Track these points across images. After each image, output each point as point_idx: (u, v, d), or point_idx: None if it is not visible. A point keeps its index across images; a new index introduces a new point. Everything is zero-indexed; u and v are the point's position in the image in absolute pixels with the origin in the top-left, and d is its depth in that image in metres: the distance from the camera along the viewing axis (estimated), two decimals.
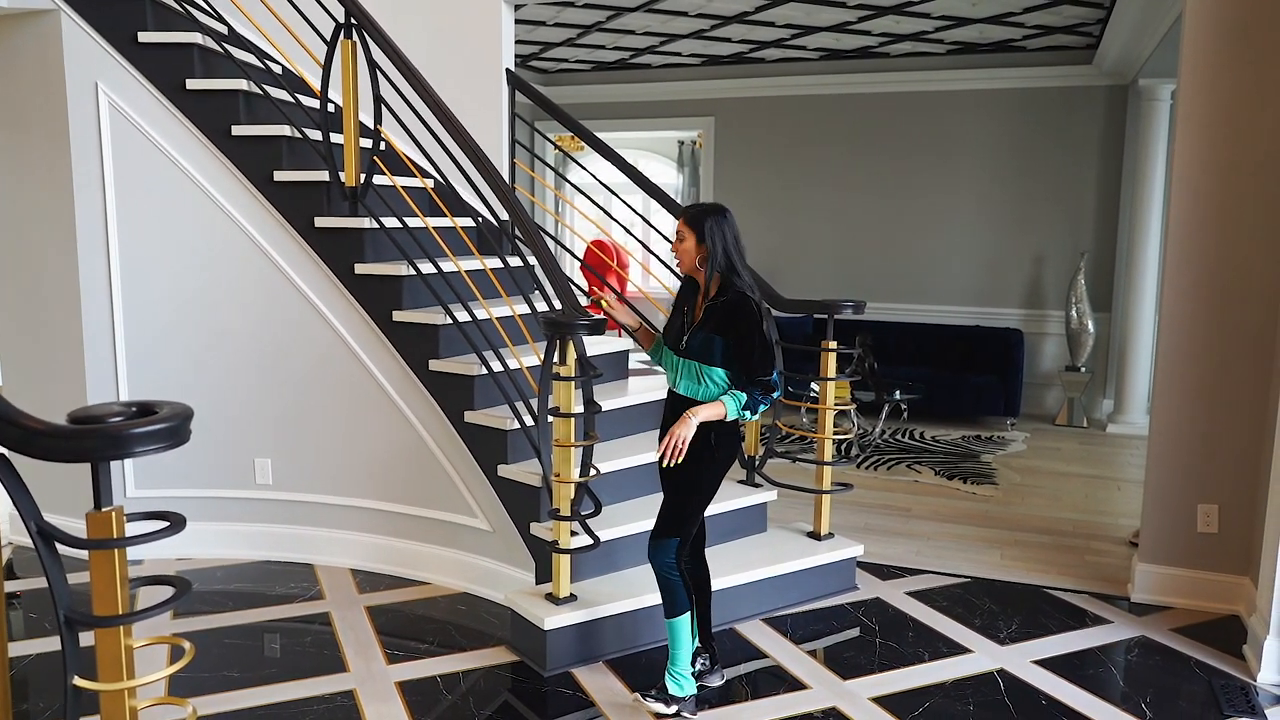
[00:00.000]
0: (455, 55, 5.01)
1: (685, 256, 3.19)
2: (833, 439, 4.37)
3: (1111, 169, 7.89)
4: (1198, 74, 3.99)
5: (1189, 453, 4.16)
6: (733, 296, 3.12)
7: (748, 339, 3.08)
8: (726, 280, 3.15)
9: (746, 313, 3.09)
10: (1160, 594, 4.23)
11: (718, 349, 3.12)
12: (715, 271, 3.14)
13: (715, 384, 3.15)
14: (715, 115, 9.07)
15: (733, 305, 3.11)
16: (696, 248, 3.16)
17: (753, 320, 3.08)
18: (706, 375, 3.15)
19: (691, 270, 3.21)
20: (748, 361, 3.09)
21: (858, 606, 4.20)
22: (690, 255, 3.18)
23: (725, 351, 3.12)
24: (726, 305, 3.12)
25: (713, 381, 3.15)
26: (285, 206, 4.36)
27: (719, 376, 3.14)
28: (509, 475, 3.99)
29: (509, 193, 3.93)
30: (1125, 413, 7.57)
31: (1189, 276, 4.08)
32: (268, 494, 4.61)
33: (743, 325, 3.08)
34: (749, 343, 3.08)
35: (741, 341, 3.09)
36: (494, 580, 4.17)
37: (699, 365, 3.16)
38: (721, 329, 3.11)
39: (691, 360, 3.17)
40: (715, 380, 3.15)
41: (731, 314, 3.11)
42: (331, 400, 4.46)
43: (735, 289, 3.13)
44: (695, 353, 3.16)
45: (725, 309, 3.12)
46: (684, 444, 3.05)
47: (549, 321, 3.49)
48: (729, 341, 3.10)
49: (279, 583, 4.39)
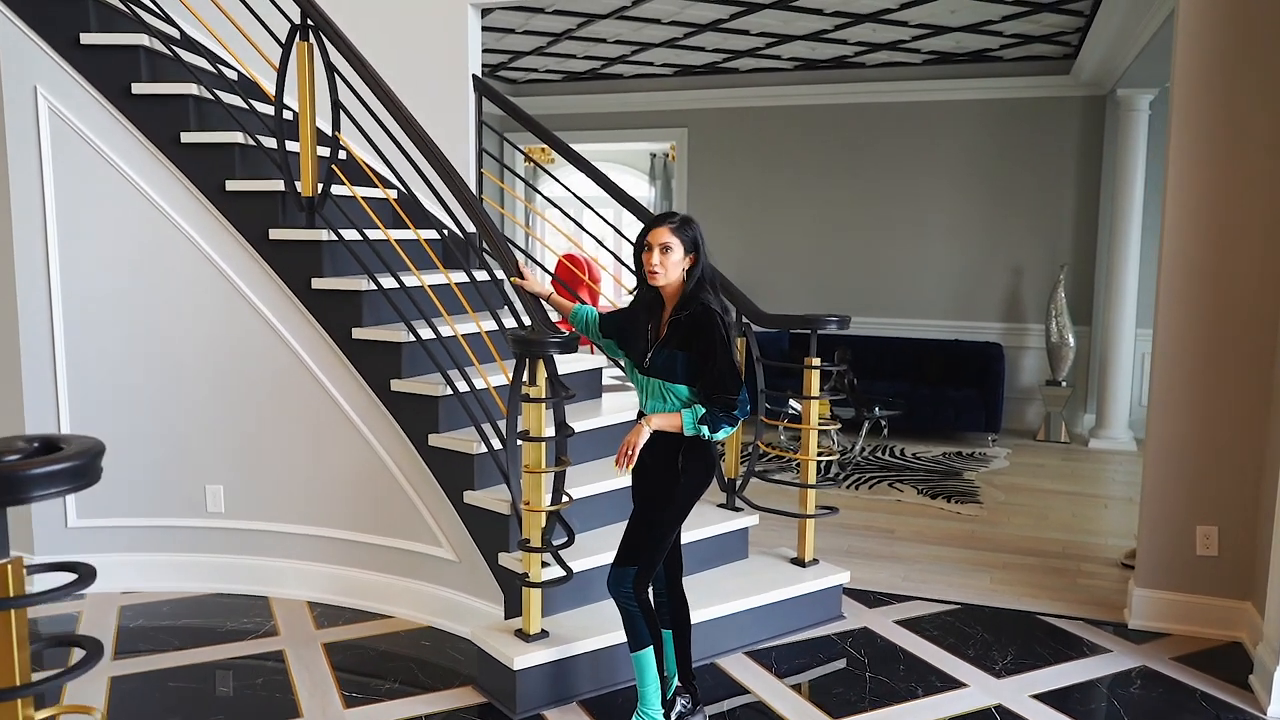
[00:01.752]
0: (419, 60, 4.80)
1: (672, 269, 2.96)
2: (816, 460, 4.17)
3: (1090, 180, 7.80)
4: (1191, 80, 3.85)
5: (1186, 472, 4.01)
6: (696, 310, 2.94)
7: (710, 354, 2.89)
8: (692, 294, 2.96)
9: (709, 327, 2.90)
10: (1158, 620, 4.06)
11: (680, 365, 2.94)
12: (696, 283, 2.95)
13: (679, 401, 2.97)
14: (688, 126, 8.91)
15: (697, 318, 2.93)
16: (683, 259, 2.96)
17: (717, 334, 2.89)
18: (670, 393, 2.97)
19: (671, 283, 3.00)
20: (710, 377, 2.90)
21: (845, 637, 4.00)
22: (678, 267, 2.97)
23: (689, 368, 2.94)
24: (690, 320, 2.94)
25: (677, 399, 2.97)
26: (238, 218, 4.12)
27: (682, 394, 2.97)
28: (476, 502, 3.76)
29: (475, 203, 3.72)
30: (1107, 427, 7.45)
31: (1184, 290, 3.93)
32: (219, 522, 4.34)
33: (706, 339, 2.90)
34: (711, 358, 2.89)
35: (704, 356, 2.90)
36: (461, 613, 3.93)
37: (661, 384, 2.98)
38: (685, 344, 2.93)
39: (655, 379, 2.99)
40: (679, 398, 2.97)
41: (696, 328, 2.92)
42: (287, 423, 4.20)
43: (699, 302, 2.94)
44: (659, 370, 2.97)
45: (689, 324, 2.94)
46: (634, 450, 2.92)
47: (518, 340, 3.27)
48: (691, 357, 2.92)
49: (230, 617, 4.12)
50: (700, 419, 2.90)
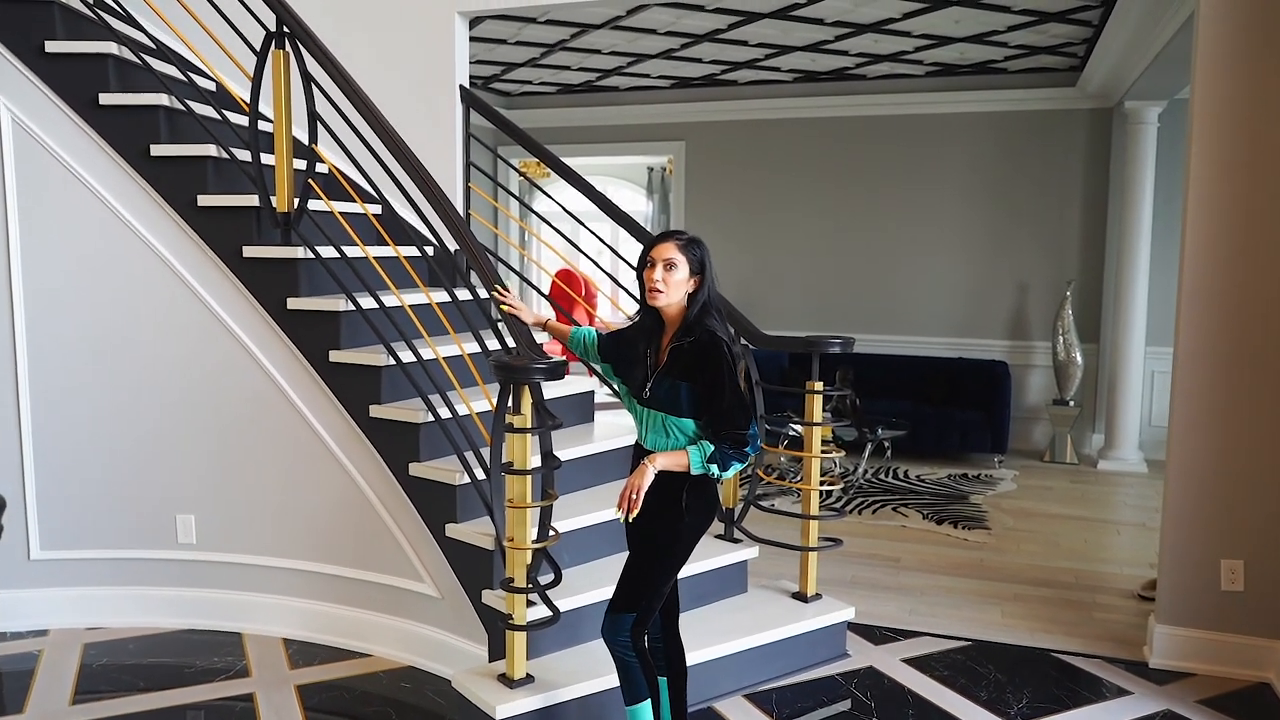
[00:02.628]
0: (404, 71, 4.61)
1: (675, 289, 2.74)
2: (818, 489, 3.96)
3: (1096, 194, 7.61)
4: (1212, 88, 3.66)
5: (1210, 504, 3.79)
6: (702, 337, 2.72)
7: (718, 386, 2.68)
8: (695, 320, 2.74)
9: (717, 356, 2.68)
10: (1181, 659, 3.84)
11: (684, 397, 2.72)
12: (700, 309, 2.74)
13: (684, 436, 2.75)
14: (686, 140, 8.73)
15: (702, 347, 2.71)
16: (688, 279, 2.75)
17: (724, 364, 2.68)
18: (674, 427, 2.75)
19: (672, 304, 2.78)
20: (718, 411, 2.68)
21: (850, 678, 3.78)
22: (681, 288, 2.75)
23: (693, 400, 2.72)
24: (695, 347, 2.72)
25: (681, 433, 2.75)
26: (211, 234, 3.92)
27: (688, 428, 2.74)
28: (458, 536, 3.54)
29: (458, 219, 3.51)
30: (1116, 448, 7.24)
31: (1205, 308, 3.73)
32: (190, 554, 4.12)
33: (712, 370, 2.68)
34: (720, 390, 2.68)
35: (711, 388, 2.68)
36: (442, 653, 3.71)
37: (663, 417, 2.76)
38: (689, 374, 2.71)
39: (656, 411, 2.77)
40: (684, 432, 2.75)
41: (701, 357, 2.70)
42: (262, 450, 3.99)
43: (704, 328, 2.73)
44: (660, 402, 2.76)
45: (694, 351, 2.72)
46: (639, 494, 2.67)
47: (501, 365, 3.06)
48: (697, 389, 2.71)
49: (201, 656, 3.89)
50: (709, 457, 2.67)
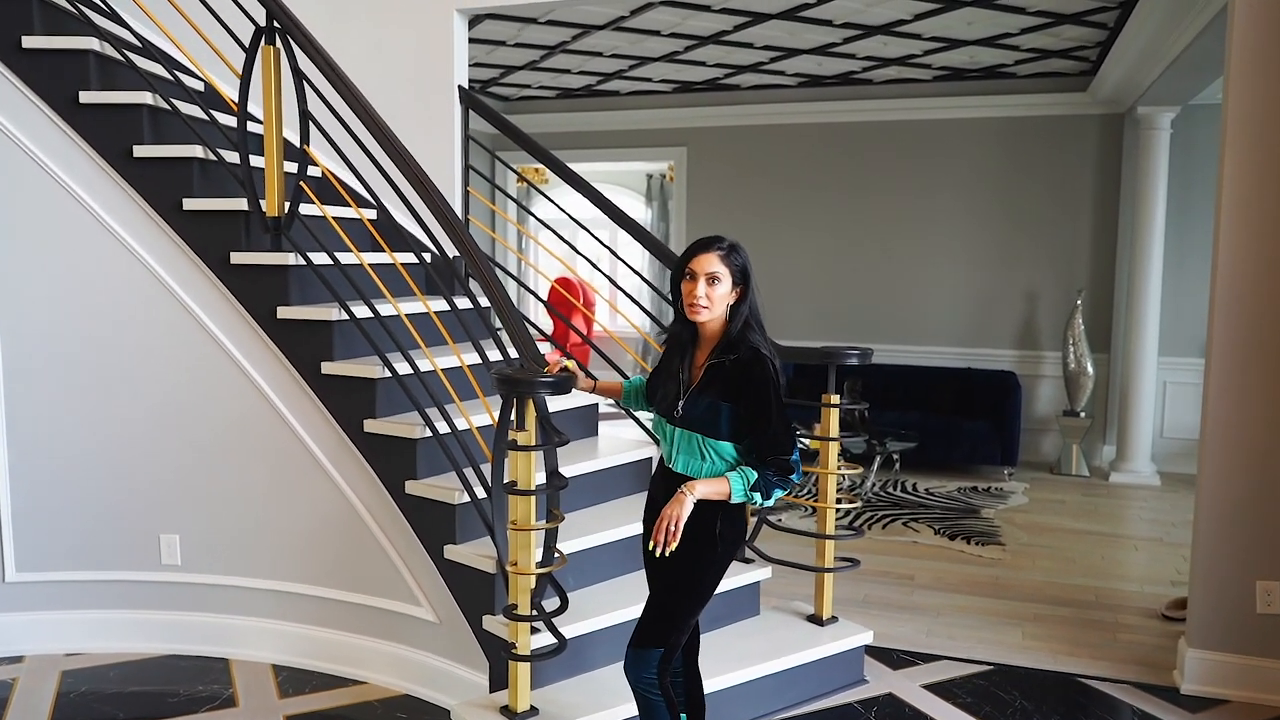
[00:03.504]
0: (401, 71, 4.44)
1: (717, 303, 2.54)
2: (835, 507, 3.79)
3: (1108, 202, 7.45)
4: (1247, 89, 3.50)
5: (1244, 523, 3.62)
6: (745, 354, 2.52)
7: (764, 408, 2.48)
8: (739, 336, 2.54)
9: (764, 376, 2.49)
10: (1214, 685, 3.66)
11: (725, 418, 2.51)
12: (743, 325, 2.54)
13: (722, 460, 2.55)
14: (688, 145, 8.57)
15: (746, 365, 2.51)
16: (730, 292, 2.56)
17: (770, 385, 2.48)
18: (711, 450, 2.55)
19: (714, 319, 2.57)
20: (763, 435, 2.48)
21: (869, 705, 3.59)
22: (724, 302, 2.55)
23: (734, 422, 2.51)
24: (738, 365, 2.52)
25: (719, 457, 2.55)
26: (197, 240, 3.73)
27: (726, 452, 2.54)
28: (457, 558, 3.36)
29: (458, 224, 3.34)
30: (1129, 460, 7.07)
31: (1240, 317, 3.56)
32: (175, 576, 3.92)
33: (758, 391, 2.48)
34: (765, 412, 2.48)
35: (756, 410, 2.49)
36: (441, 681, 3.52)
37: (700, 438, 2.55)
38: (731, 394, 2.51)
39: (689, 431, 2.57)
40: (722, 456, 2.55)
41: (745, 376, 2.50)
42: (250, 466, 3.80)
43: (748, 344, 2.53)
44: (696, 423, 2.55)
45: (737, 369, 2.51)
46: (678, 526, 2.43)
47: (504, 379, 2.88)
48: (739, 410, 2.50)
49: (185, 683, 3.70)
50: (753, 485, 2.47)
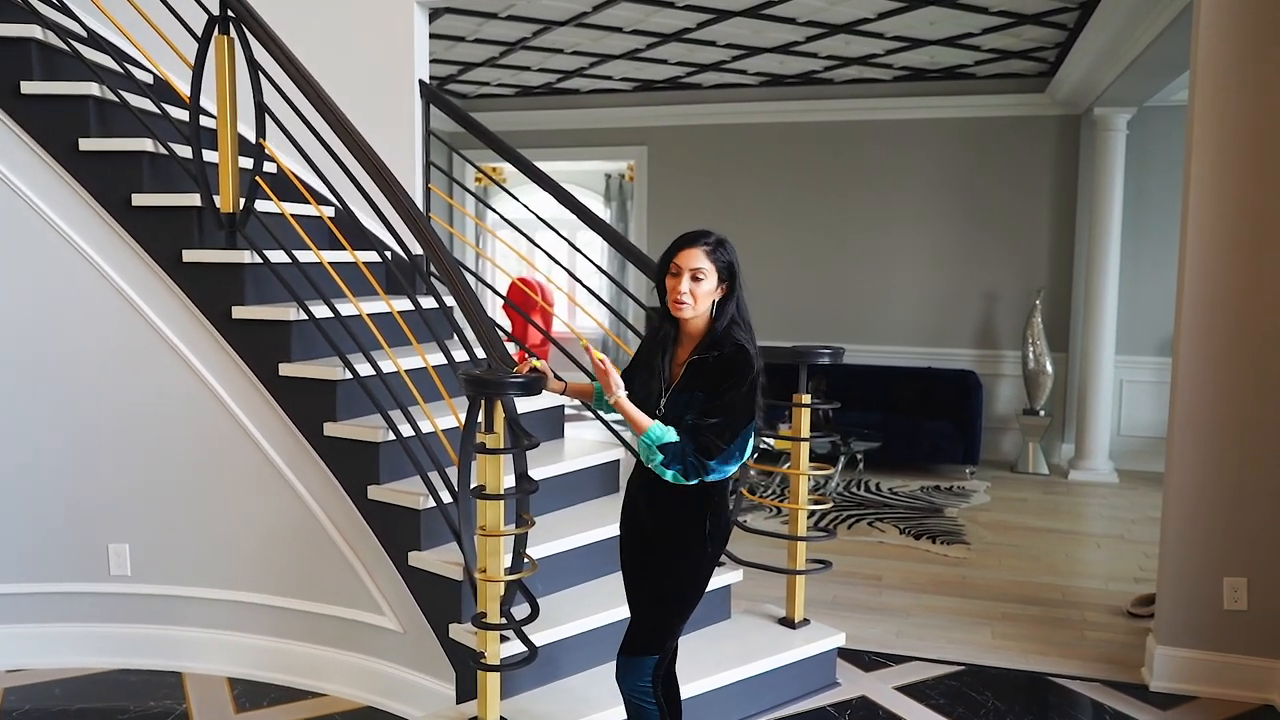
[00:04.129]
0: (359, 64, 4.31)
1: (702, 300, 2.46)
2: (807, 509, 3.74)
3: (1065, 202, 7.53)
4: (1214, 86, 3.52)
5: (1212, 519, 3.64)
6: (730, 352, 2.44)
7: (726, 402, 2.40)
8: (724, 334, 2.46)
9: (743, 374, 2.41)
10: (1183, 682, 3.68)
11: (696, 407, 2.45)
12: (728, 322, 2.46)
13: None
14: (648, 144, 8.50)
15: (729, 361, 2.43)
16: (717, 289, 2.48)
17: (745, 386, 2.41)
18: None
19: (700, 316, 2.50)
20: (708, 424, 2.40)
21: (842, 709, 3.55)
22: (709, 298, 2.47)
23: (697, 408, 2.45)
24: (721, 362, 2.44)
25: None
26: (147, 237, 3.59)
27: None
28: (422, 565, 3.25)
29: (423, 221, 3.23)
30: (1087, 458, 7.14)
31: (1207, 315, 3.58)
32: (125, 587, 3.77)
33: (732, 386, 2.41)
34: (725, 408, 2.40)
35: (716, 398, 2.41)
36: (406, 692, 3.41)
37: None
38: (708, 389, 2.44)
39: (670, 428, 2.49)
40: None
41: (725, 371, 2.42)
42: (205, 473, 3.66)
43: (733, 341, 2.45)
44: (676, 422, 2.47)
45: (719, 365, 2.44)
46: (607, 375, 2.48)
47: (471, 379, 2.78)
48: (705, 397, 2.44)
49: (135, 699, 3.55)
50: (662, 446, 2.39)
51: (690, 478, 2.42)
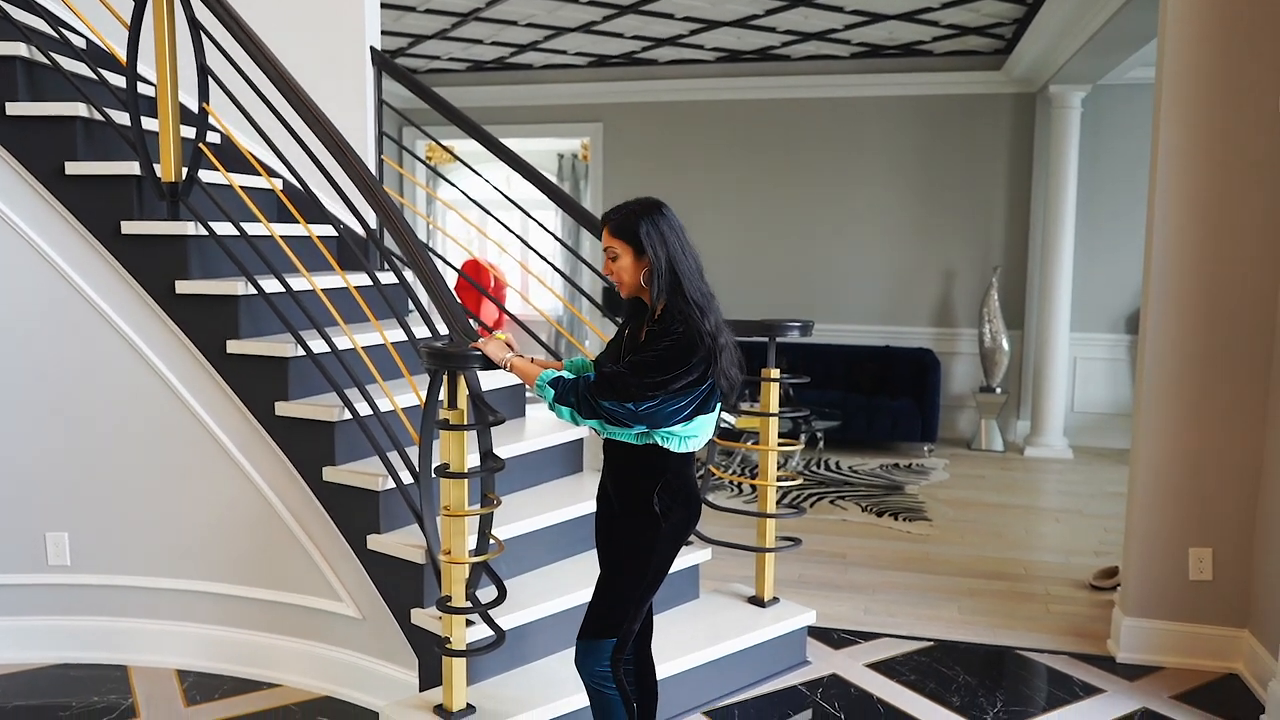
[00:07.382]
0: (306, 25, 4.12)
1: (625, 276, 2.42)
2: (776, 485, 3.68)
3: (1021, 180, 7.55)
4: (1181, 63, 3.49)
5: (1178, 491, 3.64)
6: (675, 325, 2.35)
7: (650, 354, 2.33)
8: (672, 309, 2.38)
9: (678, 338, 2.32)
10: (1149, 652, 3.69)
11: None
12: (671, 297, 2.38)
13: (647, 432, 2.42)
14: (603, 121, 8.36)
15: (666, 327, 2.36)
16: (636, 263, 2.40)
17: (675, 348, 2.32)
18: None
19: (636, 292, 2.45)
20: (625, 366, 2.35)
21: (814, 687, 3.50)
22: (631, 274, 2.41)
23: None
24: (661, 326, 2.38)
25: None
26: (82, 208, 3.39)
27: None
28: (382, 548, 3.12)
29: (379, 192, 3.09)
30: (1042, 434, 7.20)
31: (1174, 293, 3.57)
32: (65, 578, 3.59)
33: (663, 344, 2.33)
34: (648, 354, 2.33)
35: (644, 350, 2.35)
36: (366, 681, 3.29)
37: None
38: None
39: None
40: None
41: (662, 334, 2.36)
42: (148, 455, 3.49)
43: (683, 317, 2.35)
44: None
45: (659, 331, 2.38)
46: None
47: (433, 353, 2.66)
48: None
49: (78, 694, 3.37)
50: (556, 378, 2.39)
51: (584, 414, 2.37)
